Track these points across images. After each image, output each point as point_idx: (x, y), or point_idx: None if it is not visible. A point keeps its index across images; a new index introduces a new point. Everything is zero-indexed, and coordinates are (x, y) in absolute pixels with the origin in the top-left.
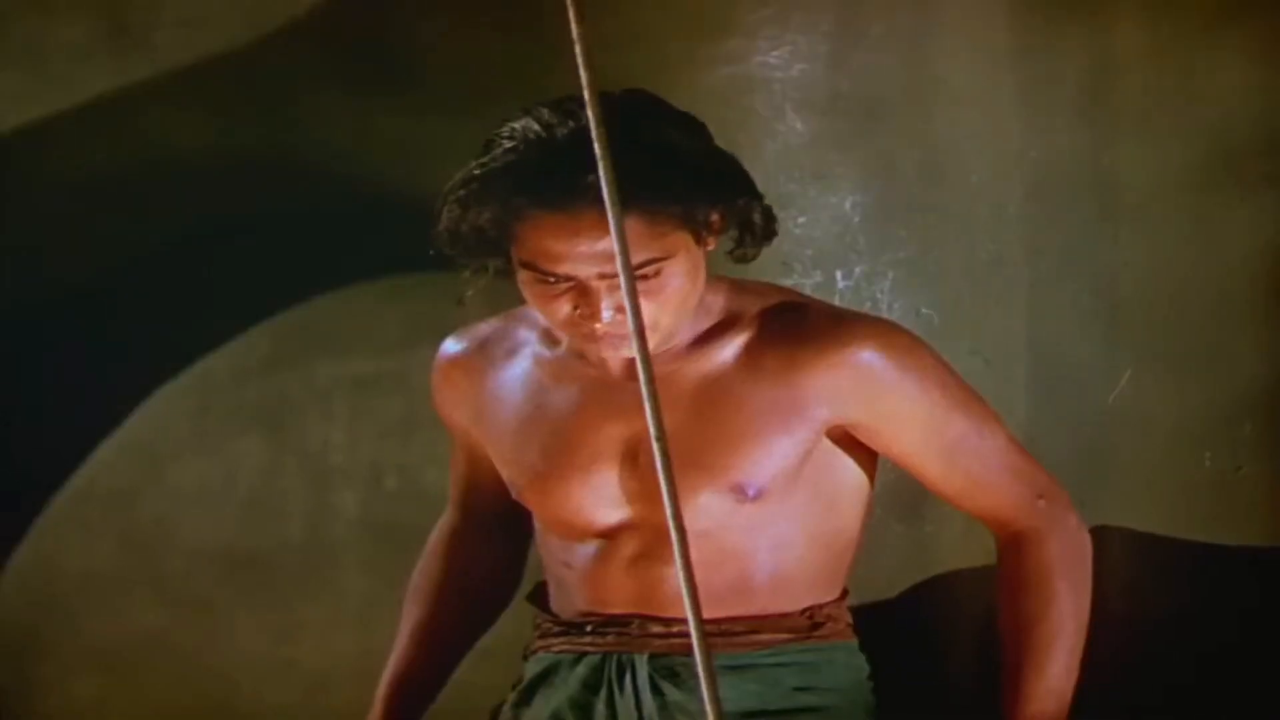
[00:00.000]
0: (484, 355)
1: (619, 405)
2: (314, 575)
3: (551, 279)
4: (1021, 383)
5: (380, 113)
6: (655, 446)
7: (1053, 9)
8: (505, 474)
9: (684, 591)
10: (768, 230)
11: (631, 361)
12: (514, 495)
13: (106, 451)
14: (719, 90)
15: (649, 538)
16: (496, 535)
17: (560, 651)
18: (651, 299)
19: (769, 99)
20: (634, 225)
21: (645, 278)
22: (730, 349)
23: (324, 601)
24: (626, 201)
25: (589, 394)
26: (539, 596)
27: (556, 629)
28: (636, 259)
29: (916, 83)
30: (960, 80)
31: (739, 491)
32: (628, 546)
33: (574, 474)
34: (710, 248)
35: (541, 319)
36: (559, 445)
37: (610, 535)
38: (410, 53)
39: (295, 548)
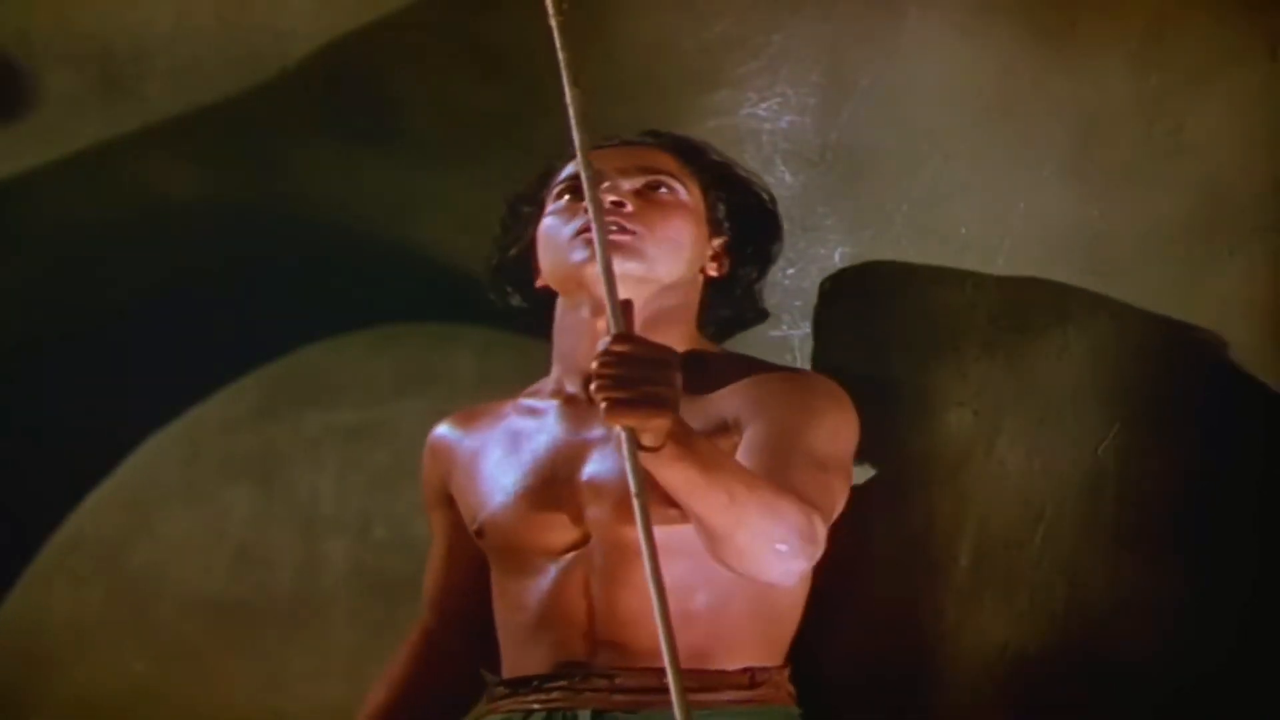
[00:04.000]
0: (469, 425)
1: (580, 422)
2: (303, 625)
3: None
4: (1010, 435)
5: (370, 164)
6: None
7: (1041, 62)
8: (473, 518)
9: (662, 643)
10: (749, 306)
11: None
12: (477, 539)
13: (96, 500)
14: (708, 141)
15: (601, 557)
16: (465, 640)
17: (508, 712)
18: (656, 213)
19: (758, 150)
20: (667, 159)
21: (657, 187)
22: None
23: (312, 651)
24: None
25: (555, 421)
26: (492, 664)
27: (504, 691)
28: (658, 173)
29: (905, 135)
30: (949, 133)
31: (670, 502)
32: (581, 569)
33: (529, 492)
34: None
35: (523, 400)
36: (521, 471)
37: (562, 561)
38: (400, 105)
39: (284, 597)
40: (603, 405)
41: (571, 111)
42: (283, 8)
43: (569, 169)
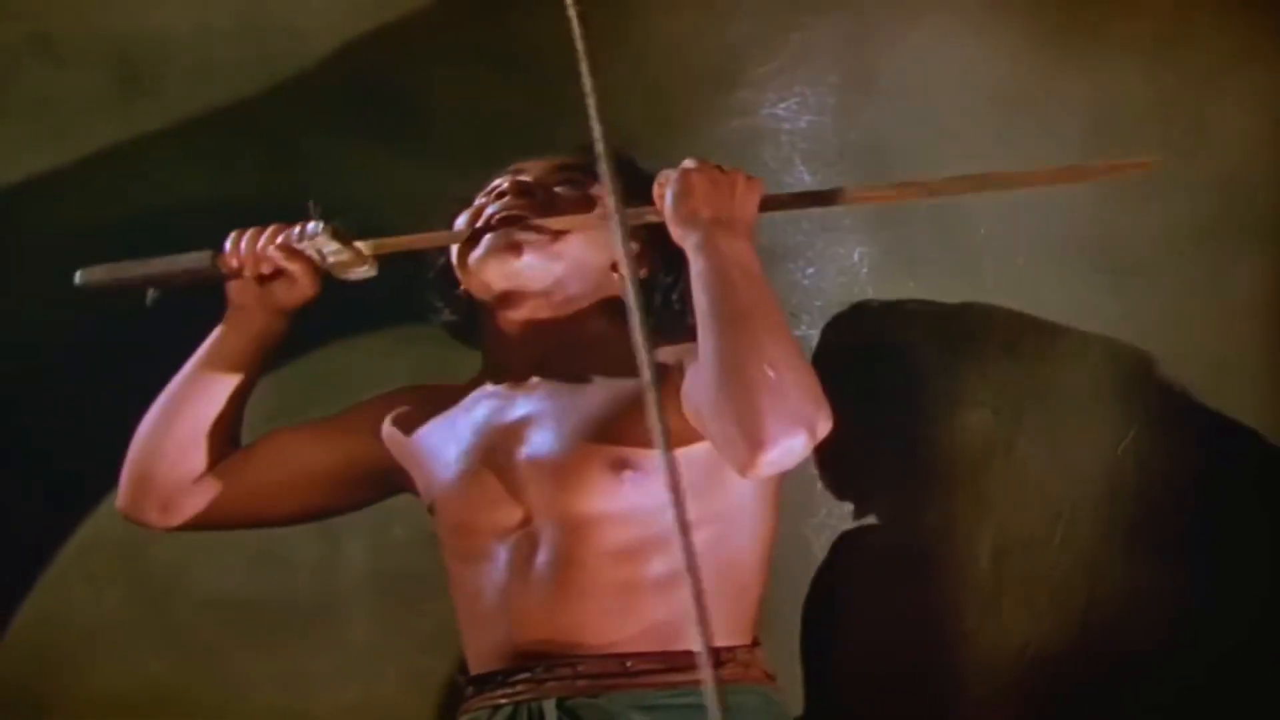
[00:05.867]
0: (430, 397)
1: (508, 403)
2: (322, 624)
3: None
4: (1030, 434)
5: (388, 163)
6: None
7: (1059, 60)
8: (426, 491)
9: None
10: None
11: (524, 363)
12: (429, 511)
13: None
14: (727, 142)
15: (544, 537)
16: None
17: (478, 709)
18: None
19: (777, 150)
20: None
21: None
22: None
23: (331, 650)
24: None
25: (486, 404)
26: (464, 669)
27: (472, 690)
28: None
29: (924, 135)
30: (967, 132)
31: (619, 465)
32: (527, 551)
33: (470, 471)
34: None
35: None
36: (460, 449)
37: (510, 544)
38: (419, 105)
39: (303, 597)
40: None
41: (591, 102)
42: (302, 8)
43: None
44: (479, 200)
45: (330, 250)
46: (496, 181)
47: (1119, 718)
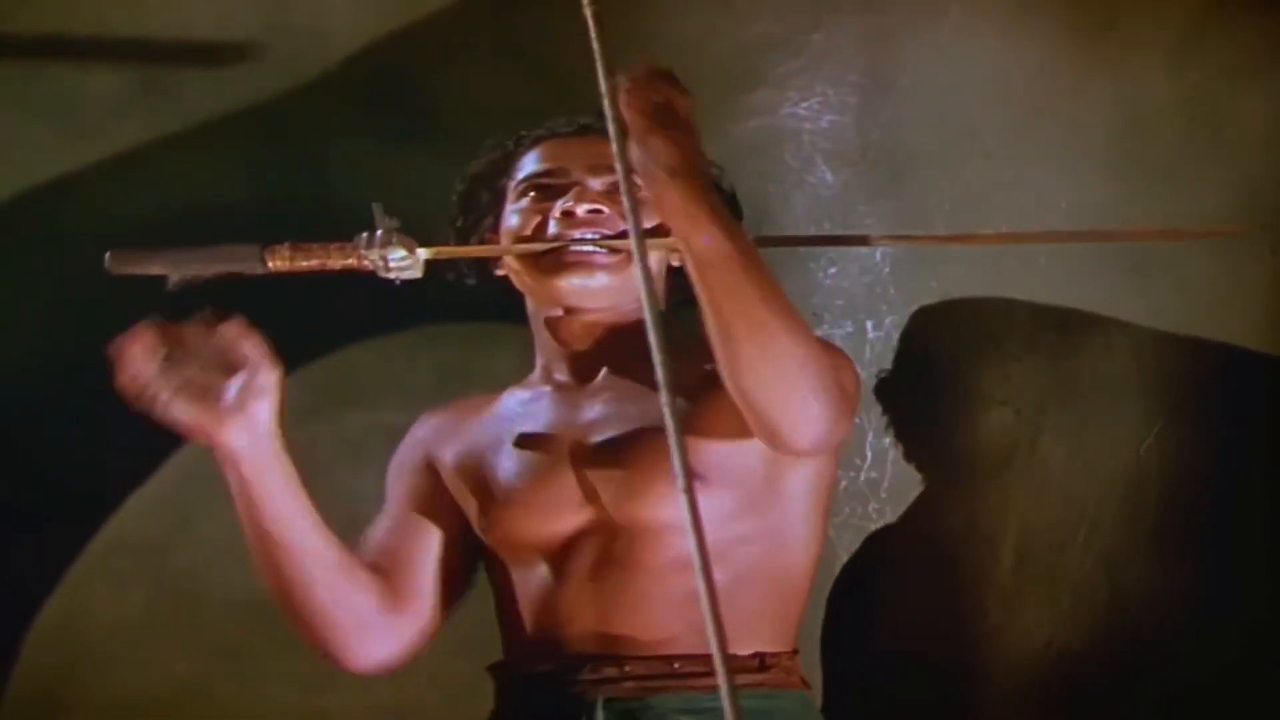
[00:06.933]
0: (462, 417)
1: (573, 407)
2: None
3: (546, 177)
4: (1052, 434)
5: (411, 162)
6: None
7: (1081, 60)
8: (473, 505)
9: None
10: None
11: (587, 366)
12: (479, 529)
13: (138, 502)
14: (749, 141)
15: (607, 542)
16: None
17: (519, 707)
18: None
19: (799, 150)
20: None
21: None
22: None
23: None
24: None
25: (548, 407)
26: (498, 668)
27: (516, 688)
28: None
29: (946, 134)
30: (989, 131)
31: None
32: (588, 555)
33: (531, 481)
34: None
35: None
36: (520, 461)
37: (569, 546)
38: (440, 105)
39: None
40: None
41: (606, 103)
42: (324, 8)
43: (530, 163)
44: (533, 192)
45: (396, 258)
46: (556, 174)
47: (1141, 715)
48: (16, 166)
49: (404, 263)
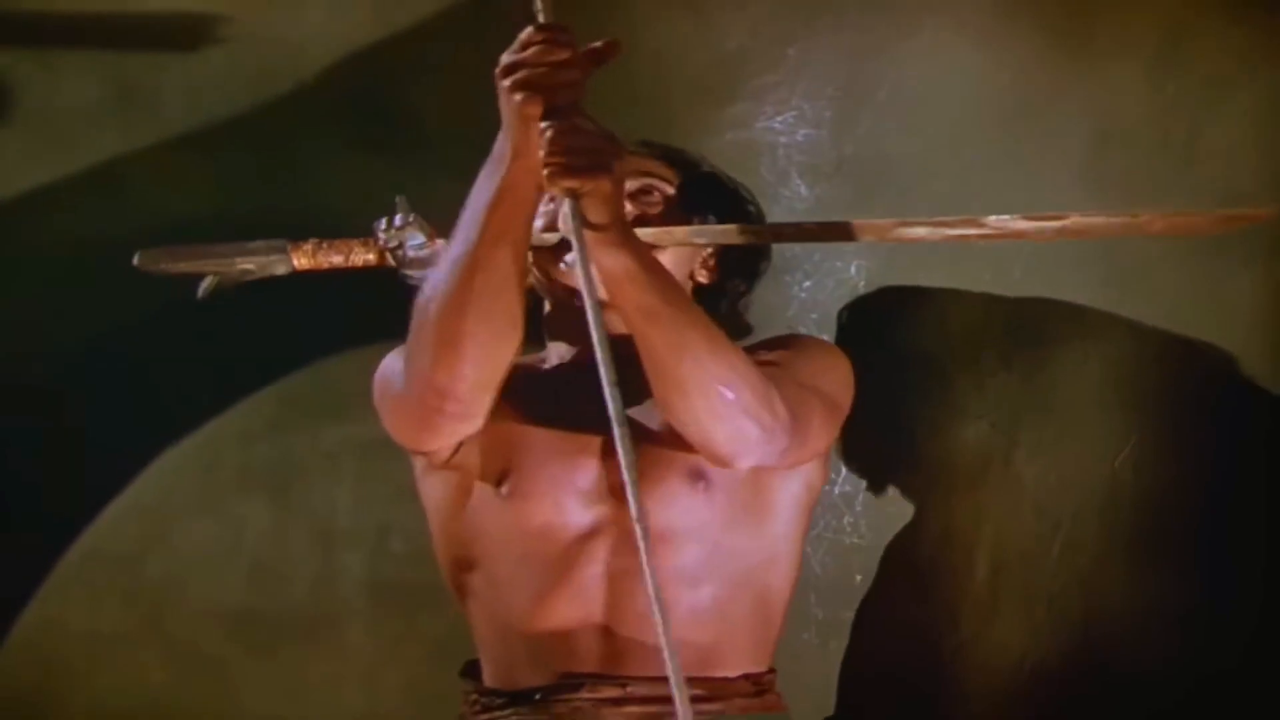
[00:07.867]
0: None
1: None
2: (320, 636)
3: None
4: (1025, 446)
5: (386, 175)
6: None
7: (1057, 71)
8: (493, 478)
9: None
10: (733, 320)
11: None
12: (500, 502)
13: (114, 513)
14: (724, 155)
15: (619, 543)
16: None
17: None
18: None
19: (774, 164)
20: (657, 164)
21: (649, 191)
22: None
23: (330, 662)
24: (668, 157)
25: (571, 389)
26: (473, 672)
27: (500, 701)
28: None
29: (921, 147)
30: (965, 144)
31: (695, 476)
32: (599, 555)
33: (557, 463)
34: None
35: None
36: (543, 439)
37: (581, 543)
38: (417, 117)
39: (301, 609)
40: (547, 171)
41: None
42: (299, 21)
43: None
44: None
45: (415, 244)
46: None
47: None
48: None
49: (422, 251)
